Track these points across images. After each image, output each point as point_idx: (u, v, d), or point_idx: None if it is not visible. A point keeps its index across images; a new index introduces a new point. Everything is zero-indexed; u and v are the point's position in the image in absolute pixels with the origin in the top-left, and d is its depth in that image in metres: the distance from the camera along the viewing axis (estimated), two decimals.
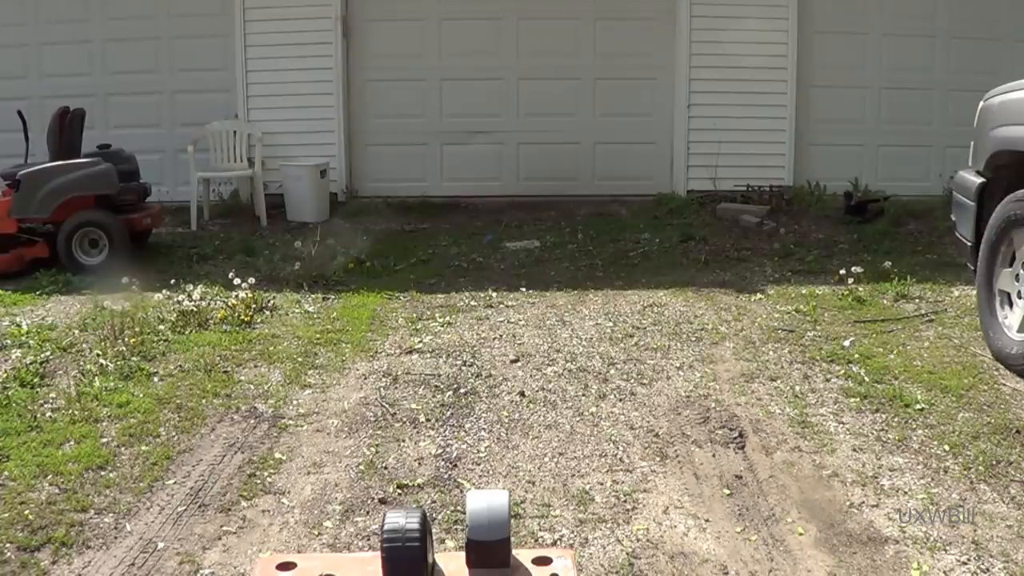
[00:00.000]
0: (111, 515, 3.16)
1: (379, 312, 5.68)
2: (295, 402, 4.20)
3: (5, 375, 4.44)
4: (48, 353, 4.79)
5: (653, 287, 6.21)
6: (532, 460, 3.57)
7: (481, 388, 4.34)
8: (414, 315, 5.59)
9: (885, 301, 5.73)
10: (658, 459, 3.57)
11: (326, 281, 6.34)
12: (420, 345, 4.99)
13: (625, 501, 3.24)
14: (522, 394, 4.25)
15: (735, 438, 3.75)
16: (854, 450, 3.61)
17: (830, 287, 6.05)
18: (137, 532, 3.05)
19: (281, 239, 7.66)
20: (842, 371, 4.49)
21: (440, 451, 3.66)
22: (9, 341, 5.01)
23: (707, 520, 3.11)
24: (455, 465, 3.53)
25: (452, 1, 9.08)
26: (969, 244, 4.84)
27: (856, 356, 4.68)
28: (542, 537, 3.00)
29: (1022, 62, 8.13)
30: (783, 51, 8.85)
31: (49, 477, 3.41)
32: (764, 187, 8.72)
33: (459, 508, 3.12)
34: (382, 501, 3.26)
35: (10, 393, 4.18)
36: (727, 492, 3.31)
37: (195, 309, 5.40)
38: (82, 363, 4.63)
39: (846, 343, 4.88)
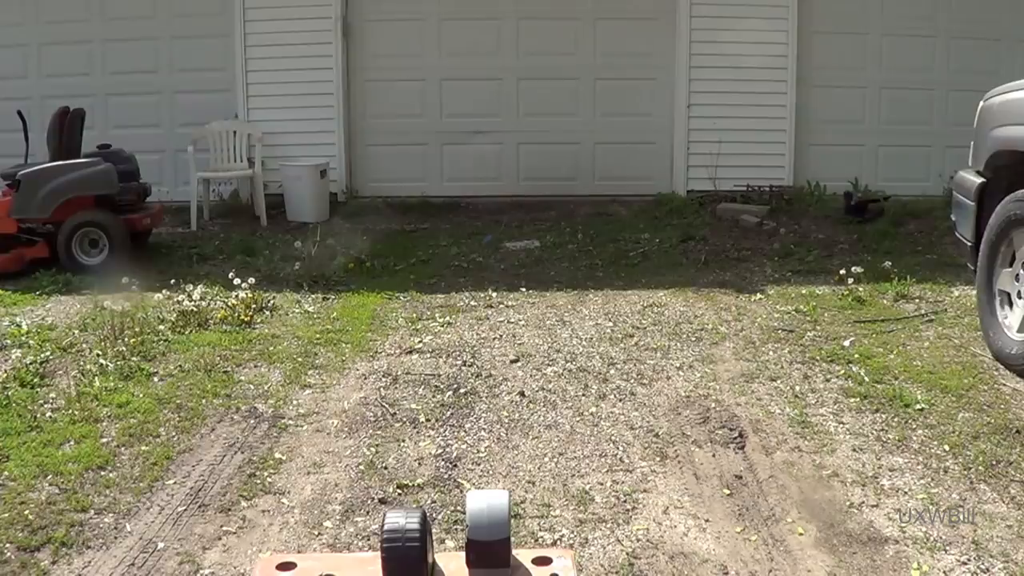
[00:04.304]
0: (111, 515, 3.16)
1: (379, 312, 5.68)
2: (295, 402, 4.20)
3: (5, 375, 4.44)
4: (48, 353, 4.78)
5: (653, 287, 6.21)
6: (532, 460, 3.57)
7: (481, 388, 4.34)
8: (414, 315, 5.59)
9: (885, 301, 5.73)
10: (658, 459, 3.57)
11: (326, 281, 6.34)
12: (420, 345, 4.99)
13: (625, 501, 3.24)
14: (522, 394, 4.25)
15: (735, 438, 3.75)
16: (854, 450, 3.61)
17: (830, 287, 6.05)
18: (137, 532, 3.05)
19: (281, 239, 7.66)
20: (842, 371, 4.49)
21: (440, 451, 3.66)
22: (9, 341, 5.01)
23: (707, 520, 3.11)
24: (455, 465, 3.53)
25: (452, 1, 9.08)
26: (969, 244, 4.84)
27: (856, 356, 4.68)
28: (542, 537, 3.00)
29: (1022, 62, 8.14)
30: (783, 51, 8.84)
31: (49, 477, 3.41)
32: (764, 187, 8.72)
33: (459, 508, 3.12)
34: (382, 501, 3.26)
35: (10, 393, 4.18)
36: (727, 492, 3.31)
37: (195, 309, 5.40)
38: (82, 363, 4.63)
39: (846, 343, 4.88)
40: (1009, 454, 3.52)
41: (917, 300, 5.76)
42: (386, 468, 3.51)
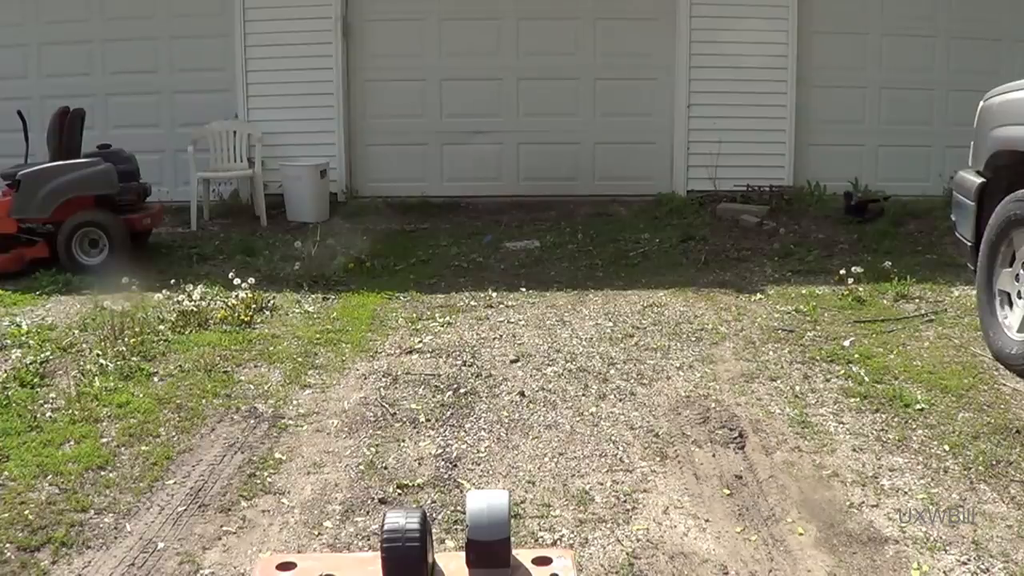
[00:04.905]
0: (111, 515, 3.16)
1: (379, 312, 5.68)
2: (295, 402, 4.20)
3: (5, 375, 4.44)
4: (48, 353, 4.78)
5: (653, 287, 6.21)
6: (532, 460, 3.57)
7: (481, 388, 4.34)
8: (414, 315, 5.59)
9: (885, 301, 5.73)
10: (658, 459, 3.57)
11: (326, 281, 6.34)
12: (420, 345, 4.99)
13: (625, 501, 3.24)
14: (522, 394, 4.25)
15: (735, 438, 3.75)
16: (854, 450, 3.62)
17: (830, 287, 6.05)
18: (137, 532, 3.05)
19: (281, 239, 7.66)
20: (842, 371, 4.49)
21: (440, 451, 3.66)
22: (9, 341, 5.01)
23: (707, 520, 3.11)
24: (455, 465, 3.53)
25: (452, 1, 9.07)
26: (969, 244, 4.84)
27: (856, 356, 4.68)
28: (542, 537, 3.00)
29: (1022, 62, 8.14)
30: (783, 51, 8.84)
31: (49, 477, 3.41)
32: (764, 187, 8.72)
33: (459, 508, 3.12)
34: (382, 501, 3.26)
35: (10, 393, 4.18)
36: (727, 492, 3.31)
37: (195, 309, 5.40)
38: (82, 363, 4.63)
39: (846, 343, 4.88)
40: (1009, 454, 3.52)
41: (917, 300, 5.75)
42: (386, 468, 3.51)
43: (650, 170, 9.13)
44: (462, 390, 4.31)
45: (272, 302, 5.79)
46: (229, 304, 5.50)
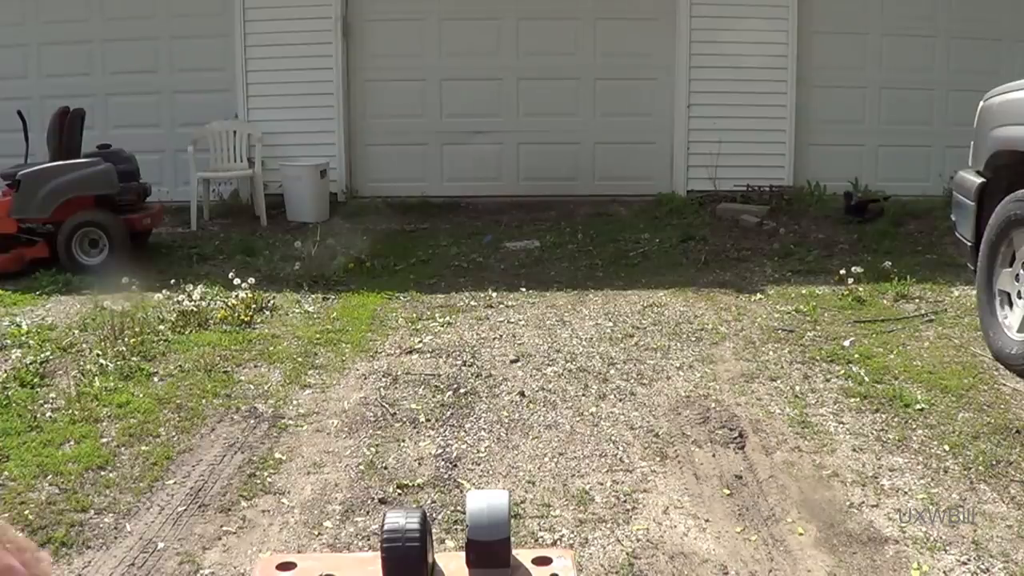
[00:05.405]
0: (111, 515, 3.16)
1: (379, 312, 5.68)
2: (295, 402, 4.20)
3: (5, 375, 4.44)
4: (48, 353, 4.78)
5: (653, 287, 6.21)
6: (532, 460, 3.57)
7: (481, 388, 4.34)
8: (414, 315, 5.59)
9: (885, 301, 5.73)
10: (658, 459, 3.57)
11: (326, 281, 6.34)
12: (420, 345, 4.99)
13: (625, 501, 3.24)
14: (522, 394, 4.25)
15: (735, 438, 3.75)
16: (854, 450, 3.62)
17: (830, 287, 6.05)
18: (137, 532, 3.06)
19: (281, 239, 7.66)
20: (842, 371, 4.49)
21: (440, 451, 3.66)
22: (9, 341, 5.01)
23: (707, 520, 3.11)
24: (455, 465, 3.53)
25: (452, 1, 9.07)
26: (969, 244, 4.84)
27: (856, 356, 4.68)
28: (542, 537, 3.00)
29: (1022, 62, 8.13)
30: (783, 51, 8.84)
31: (49, 477, 3.41)
32: (764, 187, 8.72)
33: (459, 508, 3.12)
34: (382, 501, 3.26)
35: (10, 393, 4.18)
36: (727, 492, 3.31)
37: (195, 309, 5.39)
38: (82, 363, 4.62)
39: (846, 343, 4.88)
40: (1009, 454, 3.52)
41: (917, 300, 5.75)
42: (386, 468, 3.51)
43: (650, 170, 9.12)
44: (462, 390, 4.31)
45: (272, 302, 5.79)
46: (229, 304, 5.50)
